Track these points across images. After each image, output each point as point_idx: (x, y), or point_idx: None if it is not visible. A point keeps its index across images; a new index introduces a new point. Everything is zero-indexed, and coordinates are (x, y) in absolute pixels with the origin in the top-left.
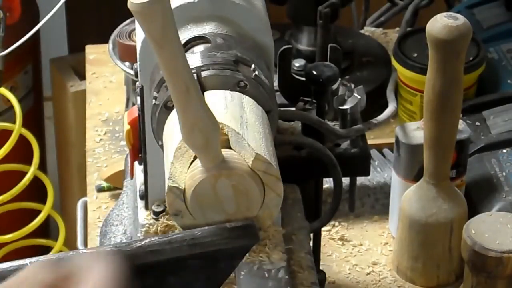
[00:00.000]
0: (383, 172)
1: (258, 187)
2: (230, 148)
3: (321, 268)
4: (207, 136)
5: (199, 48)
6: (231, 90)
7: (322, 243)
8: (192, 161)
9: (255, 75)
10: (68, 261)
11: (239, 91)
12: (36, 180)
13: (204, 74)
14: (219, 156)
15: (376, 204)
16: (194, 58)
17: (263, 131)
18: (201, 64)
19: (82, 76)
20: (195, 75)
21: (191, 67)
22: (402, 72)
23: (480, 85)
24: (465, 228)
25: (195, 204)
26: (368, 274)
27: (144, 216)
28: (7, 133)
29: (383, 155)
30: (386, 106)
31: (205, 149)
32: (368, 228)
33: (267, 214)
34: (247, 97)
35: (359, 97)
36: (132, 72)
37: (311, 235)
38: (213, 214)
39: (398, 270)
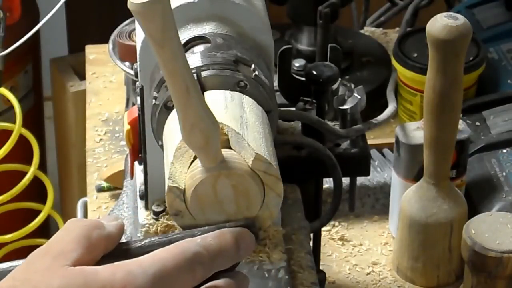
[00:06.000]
0: (383, 172)
1: (258, 187)
2: (230, 148)
3: (321, 268)
4: (207, 136)
5: (199, 48)
6: (231, 90)
7: (322, 243)
8: (192, 161)
9: (255, 75)
10: None
11: (239, 91)
12: (36, 180)
13: (204, 74)
14: (219, 156)
15: (376, 204)
16: (194, 58)
17: (263, 131)
18: (201, 64)
19: (82, 76)
20: (195, 75)
21: (191, 67)
22: (402, 72)
23: (480, 85)
24: (465, 228)
25: (195, 204)
26: (368, 274)
27: (144, 216)
28: (7, 133)
29: (383, 155)
30: (386, 106)
31: (205, 149)
32: (368, 228)
33: (267, 214)
34: (247, 97)
35: (359, 97)
36: (132, 72)
37: (311, 235)
38: (213, 214)
39: (398, 270)
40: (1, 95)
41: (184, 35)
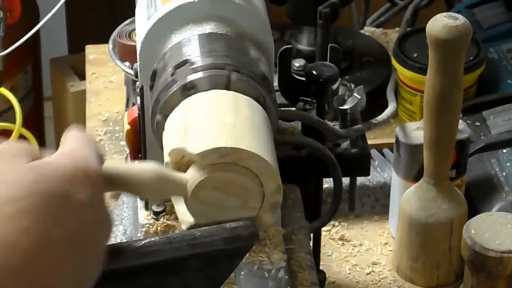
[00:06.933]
0: (383, 172)
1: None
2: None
3: (321, 268)
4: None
5: None
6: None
7: (322, 243)
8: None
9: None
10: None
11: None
12: None
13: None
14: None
15: (376, 204)
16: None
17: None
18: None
19: (82, 76)
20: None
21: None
22: (402, 72)
23: (480, 85)
24: (465, 228)
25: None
26: (368, 274)
27: (144, 216)
28: (7, 133)
29: (383, 155)
30: (386, 106)
31: (170, 189)
32: (368, 228)
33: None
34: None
35: (359, 97)
36: (132, 72)
37: (311, 235)
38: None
39: (398, 270)
40: (1, 95)
41: (184, 35)
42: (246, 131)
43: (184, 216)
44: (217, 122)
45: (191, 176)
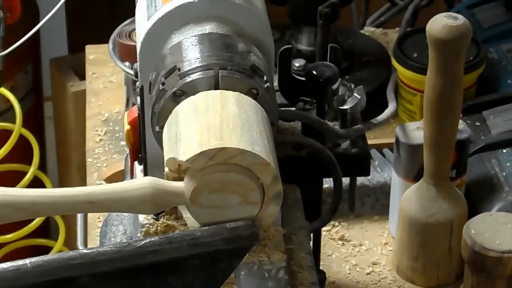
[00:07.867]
0: (383, 172)
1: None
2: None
3: (321, 268)
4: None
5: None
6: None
7: (322, 243)
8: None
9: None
10: None
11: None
12: (36, 180)
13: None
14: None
15: (376, 204)
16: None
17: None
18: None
19: (82, 76)
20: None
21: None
22: (402, 72)
23: (480, 85)
24: (465, 228)
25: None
26: (368, 274)
27: (144, 216)
28: (7, 133)
29: (383, 155)
30: (386, 106)
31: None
32: (368, 228)
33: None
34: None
35: (359, 97)
36: (132, 72)
37: (311, 235)
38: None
39: (398, 270)
40: (1, 95)
41: (184, 35)
42: (233, 129)
43: (192, 222)
44: (203, 125)
45: (187, 183)
